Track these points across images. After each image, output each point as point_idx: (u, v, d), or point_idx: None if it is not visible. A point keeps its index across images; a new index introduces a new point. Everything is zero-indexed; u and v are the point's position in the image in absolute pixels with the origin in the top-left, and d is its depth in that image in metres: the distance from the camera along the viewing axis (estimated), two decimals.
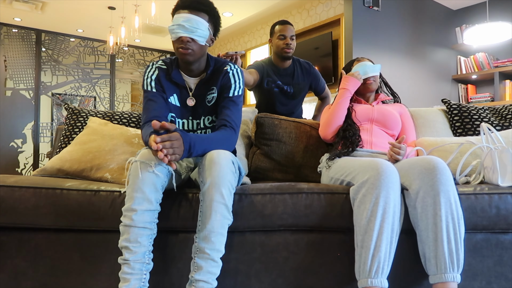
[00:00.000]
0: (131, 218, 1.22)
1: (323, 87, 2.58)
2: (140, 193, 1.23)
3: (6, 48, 5.65)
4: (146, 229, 1.25)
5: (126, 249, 1.23)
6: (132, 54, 6.74)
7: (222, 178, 1.24)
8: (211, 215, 1.23)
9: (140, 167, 1.24)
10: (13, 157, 5.63)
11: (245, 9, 4.97)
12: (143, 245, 1.24)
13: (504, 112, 2.00)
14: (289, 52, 2.35)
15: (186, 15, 1.42)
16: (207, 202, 1.24)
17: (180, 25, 1.41)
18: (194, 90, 1.54)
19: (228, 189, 1.26)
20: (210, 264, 1.22)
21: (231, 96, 1.51)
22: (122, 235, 1.24)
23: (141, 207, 1.23)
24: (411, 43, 4.24)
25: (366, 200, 1.28)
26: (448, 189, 1.26)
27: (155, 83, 1.51)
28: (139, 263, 1.23)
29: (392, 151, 1.54)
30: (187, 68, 1.52)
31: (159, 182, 1.26)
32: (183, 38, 1.42)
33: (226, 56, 1.81)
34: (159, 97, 1.49)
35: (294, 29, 2.43)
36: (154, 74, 1.52)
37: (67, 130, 2.04)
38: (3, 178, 1.48)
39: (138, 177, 1.23)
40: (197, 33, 1.42)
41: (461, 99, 4.57)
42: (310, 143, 1.96)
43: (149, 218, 1.25)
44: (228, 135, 1.42)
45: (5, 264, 1.42)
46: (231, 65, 1.56)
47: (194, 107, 1.54)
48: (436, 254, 1.23)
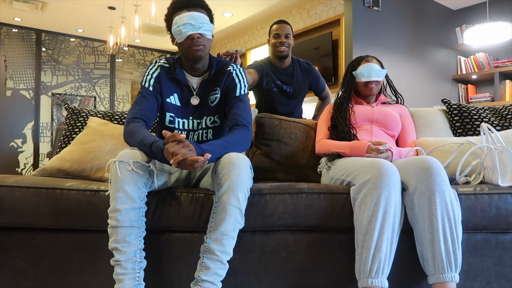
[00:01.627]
0: (116, 218, 1.22)
1: (323, 87, 2.57)
2: (122, 192, 1.23)
3: (6, 48, 5.65)
4: (133, 227, 1.25)
5: (116, 250, 1.23)
6: (132, 54, 6.74)
7: (241, 182, 1.24)
8: (225, 218, 1.23)
9: (118, 167, 1.24)
10: (13, 157, 5.63)
11: (245, 9, 4.97)
12: (133, 244, 1.24)
13: (504, 112, 2.00)
14: (283, 51, 2.33)
15: (189, 13, 1.43)
16: (222, 204, 1.24)
17: (186, 24, 1.42)
18: (197, 90, 1.54)
19: (244, 193, 1.26)
20: (218, 265, 1.23)
21: (238, 96, 1.52)
22: (110, 236, 1.24)
23: (125, 206, 1.23)
24: (411, 43, 4.24)
25: (367, 200, 1.28)
26: (444, 189, 1.26)
27: (154, 81, 1.51)
28: (130, 262, 1.23)
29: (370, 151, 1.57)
30: (193, 67, 1.52)
31: (140, 180, 1.26)
32: (193, 35, 1.43)
33: (226, 55, 1.80)
34: (153, 97, 1.49)
35: (292, 29, 2.42)
36: (156, 72, 1.52)
37: (67, 130, 2.04)
38: (3, 178, 1.47)
39: (118, 176, 1.23)
40: (204, 27, 1.44)
41: (461, 99, 4.57)
42: (310, 143, 1.96)
43: (135, 217, 1.25)
44: (242, 134, 1.43)
45: (5, 264, 1.42)
46: (233, 65, 1.57)
47: (196, 106, 1.54)
48: (433, 254, 1.24)
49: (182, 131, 1.55)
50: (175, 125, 1.54)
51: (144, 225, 1.30)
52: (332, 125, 1.82)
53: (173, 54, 7.12)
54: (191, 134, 1.57)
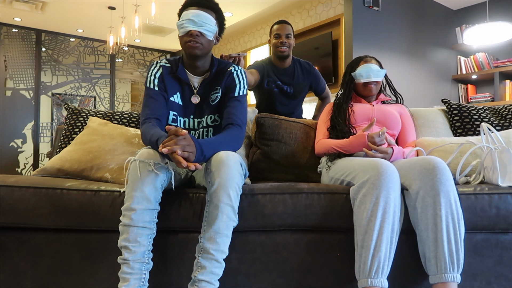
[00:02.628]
0: (130, 217, 1.23)
1: (323, 87, 2.58)
2: (140, 192, 1.23)
3: (6, 48, 5.65)
4: (145, 228, 1.25)
5: (125, 248, 1.23)
6: (132, 54, 6.74)
7: (230, 180, 1.25)
8: (218, 216, 1.23)
9: (139, 166, 1.24)
10: (13, 157, 5.63)
11: (245, 9, 4.97)
12: (143, 245, 1.24)
13: (504, 112, 2.00)
14: (284, 51, 2.34)
15: (195, 11, 1.47)
16: (214, 203, 1.24)
17: (190, 20, 1.45)
18: (198, 89, 1.56)
19: (235, 191, 1.26)
20: (214, 264, 1.22)
21: (236, 96, 1.54)
22: (121, 234, 1.24)
23: (141, 206, 1.23)
24: (411, 43, 4.24)
25: (367, 200, 1.28)
26: (448, 189, 1.26)
27: (158, 81, 1.53)
28: (138, 262, 1.23)
29: (370, 141, 1.55)
30: (193, 65, 1.54)
31: (159, 181, 1.27)
32: (192, 31, 1.45)
33: (229, 58, 1.82)
34: (160, 96, 1.51)
35: (293, 29, 2.42)
36: (158, 72, 1.54)
37: (67, 130, 2.04)
38: (3, 178, 1.47)
39: (138, 176, 1.24)
40: (206, 27, 1.47)
41: (461, 99, 4.57)
42: (310, 143, 1.96)
43: (149, 218, 1.25)
44: (235, 133, 1.45)
45: (5, 264, 1.42)
46: (234, 66, 1.60)
47: (197, 105, 1.56)
48: (436, 254, 1.23)
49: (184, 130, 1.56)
50: (177, 124, 1.56)
51: (155, 227, 1.30)
52: (331, 125, 1.82)
53: (173, 54, 7.12)
54: (192, 133, 1.59)
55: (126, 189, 1.26)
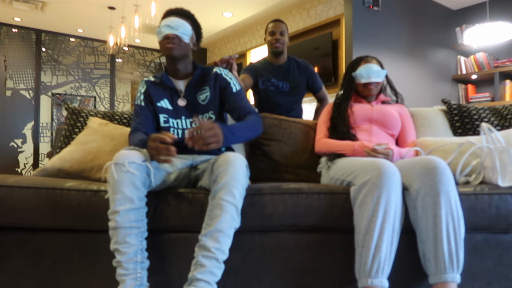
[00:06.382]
0: (115, 220, 1.25)
1: (320, 86, 2.59)
2: (120, 194, 1.25)
3: (6, 48, 5.64)
4: (132, 228, 1.26)
5: (116, 251, 1.25)
6: (132, 54, 6.74)
7: (236, 180, 1.26)
8: (221, 215, 1.23)
9: (114, 169, 1.27)
10: (13, 157, 5.63)
11: (245, 9, 4.97)
12: (133, 244, 1.25)
13: (504, 112, 2.00)
14: (278, 47, 2.40)
15: (171, 18, 1.58)
16: (218, 201, 1.25)
17: (166, 25, 1.56)
18: (184, 92, 1.63)
19: (240, 191, 1.27)
20: (214, 264, 1.21)
21: (235, 92, 1.63)
22: (111, 238, 1.26)
23: (123, 207, 1.25)
24: (411, 43, 4.23)
25: (368, 200, 1.27)
26: (449, 189, 1.26)
27: (144, 96, 1.64)
28: (131, 262, 1.24)
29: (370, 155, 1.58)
30: (174, 68, 1.62)
31: (138, 180, 1.28)
32: (169, 34, 1.55)
33: (222, 62, 1.86)
34: (146, 110, 1.62)
35: (287, 27, 2.48)
36: (143, 88, 1.66)
37: (67, 130, 2.04)
38: (3, 178, 1.47)
39: (114, 178, 1.26)
40: (181, 30, 1.56)
41: (461, 99, 4.57)
42: (310, 143, 1.96)
43: (134, 217, 1.27)
44: (257, 119, 1.56)
45: (5, 264, 1.42)
46: (218, 68, 1.68)
47: (186, 107, 1.62)
48: (436, 254, 1.23)
49: (178, 130, 1.61)
50: (169, 125, 1.61)
51: (145, 226, 1.31)
52: (331, 125, 1.82)
53: None
54: (186, 132, 1.63)
55: (108, 194, 1.28)
